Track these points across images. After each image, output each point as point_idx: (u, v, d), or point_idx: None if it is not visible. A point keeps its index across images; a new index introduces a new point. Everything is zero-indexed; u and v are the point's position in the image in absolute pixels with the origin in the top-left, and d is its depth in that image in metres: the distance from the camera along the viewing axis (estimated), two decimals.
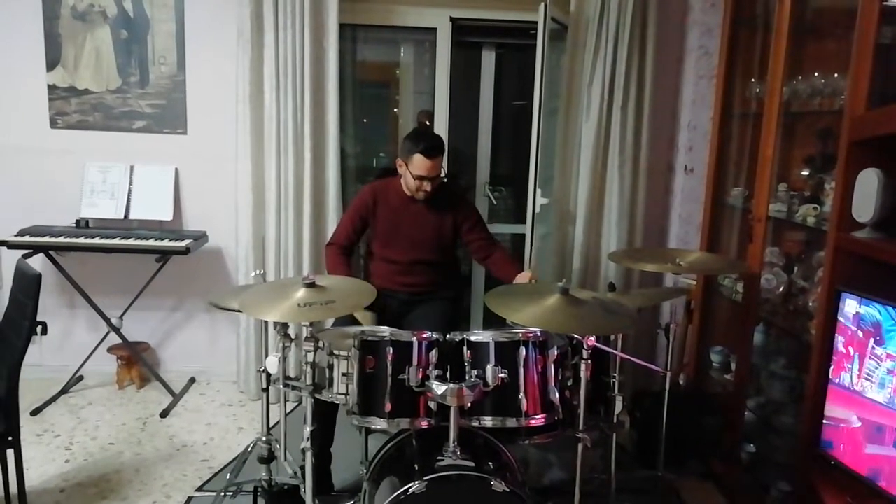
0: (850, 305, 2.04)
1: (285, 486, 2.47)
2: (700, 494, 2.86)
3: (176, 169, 3.65)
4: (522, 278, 2.67)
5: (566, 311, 2.01)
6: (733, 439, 2.85)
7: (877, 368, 1.96)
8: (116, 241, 3.37)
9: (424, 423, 2.05)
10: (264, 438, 2.49)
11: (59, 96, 3.61)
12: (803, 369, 2.49)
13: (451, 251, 2.93)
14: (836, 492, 2.07)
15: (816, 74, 2.57)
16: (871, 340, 1.99)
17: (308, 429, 2.08)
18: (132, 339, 3.72)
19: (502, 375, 2.03)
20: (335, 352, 2.12)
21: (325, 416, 2.52)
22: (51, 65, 3.58)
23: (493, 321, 2.32)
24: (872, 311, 1.98)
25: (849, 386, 2.06)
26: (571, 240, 3.64)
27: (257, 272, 2.52)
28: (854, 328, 2.05)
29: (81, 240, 3.37)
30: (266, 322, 2.62)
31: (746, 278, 2.83)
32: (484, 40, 4.12)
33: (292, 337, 2.18)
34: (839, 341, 2.10)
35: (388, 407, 2.03)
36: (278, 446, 2.44)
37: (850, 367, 2.05)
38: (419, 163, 2.66)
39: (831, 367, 2.11)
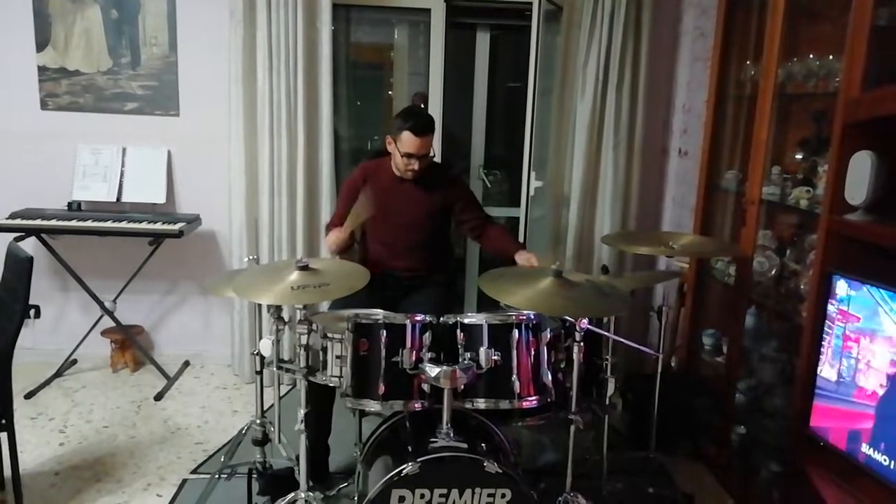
0: (842, 288, 2.05)
1: (280, 469, 2.48)
2: (691, 475, 2.88)
3: (168, 151, 3.63)
4: (524, 259, 2.66)
5: (559, 294, 2.01)
6: (724, 421, 2.87)
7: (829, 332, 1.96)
8: (109, 224, 3.36)
9: (418, 406, 2.06)
10: (258, 421, 2.50)
11: (50, 77, 3.57)
12: (794, 352, 2.51)
13: (443, 233, 2.92)
14: (825, 472, 2.09)
15: (812, 56, 2.55)
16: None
17: (302, 411, 2.09)
18: (126, 322, 3.72)
19: (495, 358, 2.03)
20: (329, 334, 2.12)
21: (321, 403, 2.53)
22: (40, 45, 3.53)
23: (486, 304, 2.32)
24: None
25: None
26: (565, 222, 3.64)
27: (250, 257, 2.51)
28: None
29: (73, 223, 3.35)
30: (260, 305, 2.62)
31: (739, 261, 2.84)
32: (478, 21, 4.09)
33: (286, 320, 2.19)
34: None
35: (381, 389, 2.04)
36: (272, 429, 2.45)
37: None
38: (407, 140, 2.64)
39: (822, 351, 2.13)
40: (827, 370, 1.99)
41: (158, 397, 3.45)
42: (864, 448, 1.92)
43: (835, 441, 2.01)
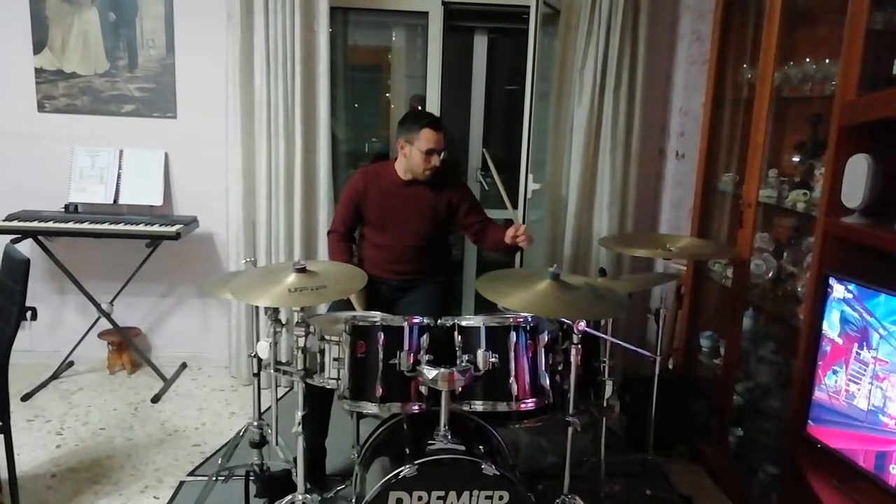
0: (839, 290, 2.06)
1: (277, 471, 2.48)
2: (688, 477, 2.89)
3: (166, 153, 3.63)
4: (511, 231, 2.68)
5: (557, 296, 2.01)
6: (722, 423, 2.87)
7: (864, 373, 1.97)
8: (106, 226, 3.35)
9: (415, 408, 2.06)
10: (256, 423, 2.50)
11: (47, 80, 3.57)
12: (791, 354, 2.51)
13: (444, 235, 2.93)
14: (823, 474, 2.09)
15: (808, 60, 2.56)
16: (855, 345, 2.00)
17: (300, 413, 2.09)
18: (123, 324, 3.71)
19: (493, 360, 2.04)
20: (326, 337, 2.12)
21: (319, 406, 2.53)
22: (37, 47, 3.53)
23: (484, 306, 2.32)
24: (856, 314, 1.99)
25: (832, 394, 2.07)
26: (563, 225, 3.65)
27: (247, 260, 2.51)
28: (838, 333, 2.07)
29: (70, 225, 3.35)
30: (257, 307, 2.62)
31: (736, 263, 2.84)
32: (476, 24, 4.10)
33: (283, 322, 2.19)
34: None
35: (379, 391, 2.04)
36: (270, 431, 2.45)
37: (837, 369, 2.07)
38: (428, 136, 2.66)
39: (819, 352, 2.13)
40: (858, 402, 1.99)
41: (156, 399, 3.44)
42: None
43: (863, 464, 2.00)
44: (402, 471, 1.88)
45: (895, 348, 1.86)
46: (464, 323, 2.10)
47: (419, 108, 4.02)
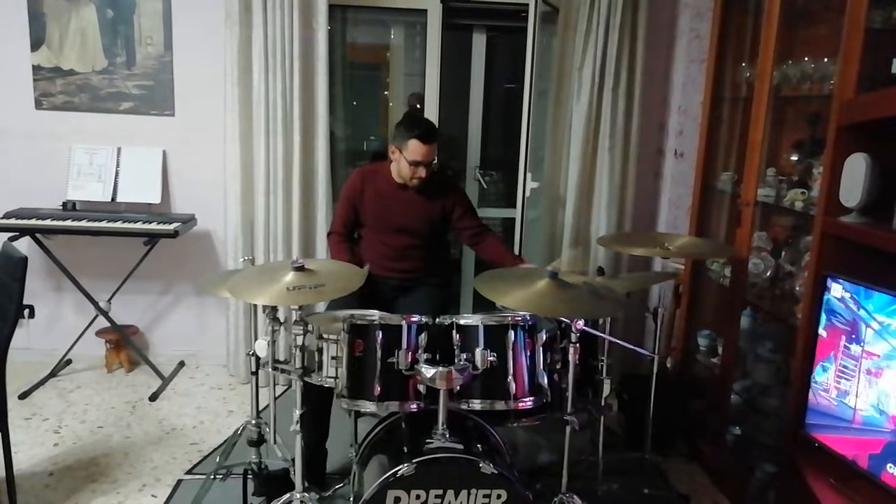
0: (836, 290, 2.06)
1: (275, 470, 2.48)
2: (686, 476, 2.89)
3: (164, 151, 3.62)
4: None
5: (555, 295, 2.01)
6: (719, 422, 2.88)
7: (855, 367, 1.96)
8: (104, 223, 3.35)
9: (413, 406, 2.06)
10: (254, 421, 2.50)
11: (44, 77, 3.56)
12: (789, 353, 2.52)
13: (441, 237, 2.92)
14: (820, 473, 2.10)
15: (807, 59, 2.56)
16: (844, 337, 2.01)
17: (297, 412, 2.09)
18: (121, 322, 3.71)
19: (491, 359, 2.04)
20: (324, 335, 2.12)
21: (319, 405, 2.52)
22: (35, 45, 3.52)
23: (482, 305, 2.32)
24: (849, 305, 1.99)
25: (821, 393, 2.07)
26: (561, 224, 3.65)
27: (245, 258, 2.50)
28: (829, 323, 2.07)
29: (68, 223, 3.34)
30: (255, 306, 2.62)
31: (734, 262, 2.85)
32: (475, 22, 4.10)
33: (281, 320, 2.18)
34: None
35: (377, 390, 2.04)
36: (268, 429, 2.45)
37: (826, 364, 2.07)
38: (415, 148, 2.62)
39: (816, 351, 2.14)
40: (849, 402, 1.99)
41: (153, 398, 3.44)
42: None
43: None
44: (400, 469, 1.88)
45: (888, 342, 1.86)
46: (462, 321, 2.10)
47: (417, 107, 4.02)
